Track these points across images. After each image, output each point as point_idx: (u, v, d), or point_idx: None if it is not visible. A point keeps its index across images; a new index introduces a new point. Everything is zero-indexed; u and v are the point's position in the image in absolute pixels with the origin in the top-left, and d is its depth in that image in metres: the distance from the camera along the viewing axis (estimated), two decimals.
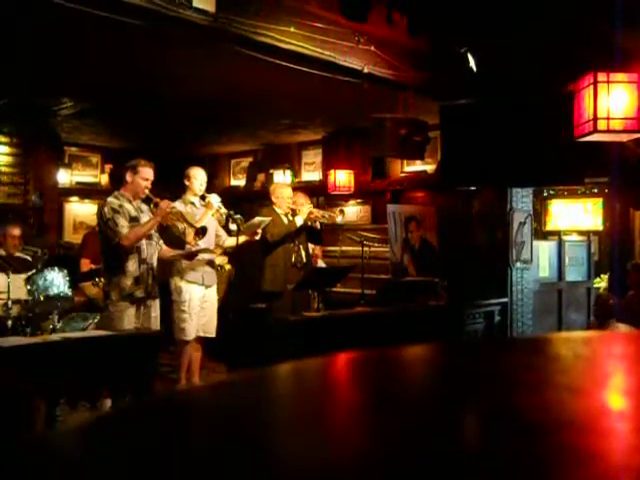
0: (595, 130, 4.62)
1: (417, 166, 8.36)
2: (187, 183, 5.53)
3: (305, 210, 5.89)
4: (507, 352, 0.96)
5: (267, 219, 5.68)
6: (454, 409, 0.66)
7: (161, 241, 4.99)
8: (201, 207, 5.47)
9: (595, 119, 4.59)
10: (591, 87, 4.61)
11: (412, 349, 0.98)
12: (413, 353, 0.98)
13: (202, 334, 5.59)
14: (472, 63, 5.42)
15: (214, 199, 5.42)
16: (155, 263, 4.85)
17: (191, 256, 5.19)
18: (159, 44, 5.15)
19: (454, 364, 0.90)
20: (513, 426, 0.59)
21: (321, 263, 7.18)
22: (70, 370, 3.65)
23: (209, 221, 5.40)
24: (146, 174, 4.76)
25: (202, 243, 5.18)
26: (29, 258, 5.82)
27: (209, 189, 5.74)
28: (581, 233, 9.09)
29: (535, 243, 6.98)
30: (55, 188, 9.42)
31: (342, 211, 6.22)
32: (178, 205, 5.27)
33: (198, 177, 5.53)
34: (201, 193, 5.51)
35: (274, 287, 5.78)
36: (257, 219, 5.63)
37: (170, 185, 6.40)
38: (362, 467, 0.51)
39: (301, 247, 6.00)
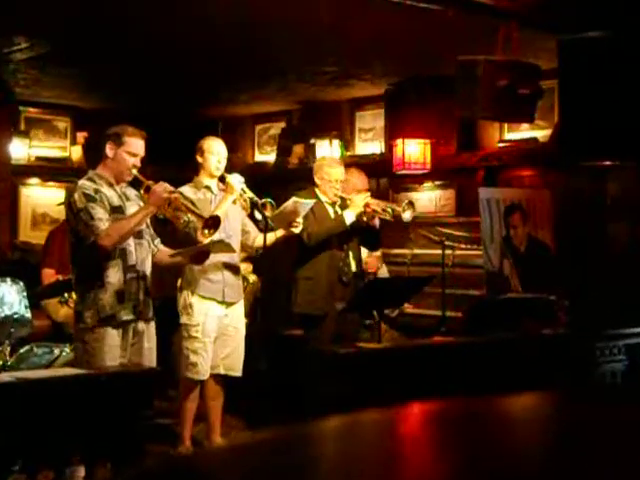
0: None
1: (523, 132, 8.29)
2: (200, 160, 5.60)
3: (359, 201, 5.82)
4: None
5: (309, 202, 5.67)
6: None
7: (157, 240, 5.03)
8: (219, 192, 5.52)
9: None
10: None
11: (516, 399, 0.98)
12: (518, 405, 0.97)
13: (223, 372, 5.62)
14: None
15: (236, 180, 5.44)
16: (148, 271, 4.89)
17: (200, 257, 5.15)
18: None
19: (579, 423, 0.90)
20: None
21: (383, 272, 7.15)
22: (27, 425, 3.72)
23: (231, 211, 5.45)
24: (134, 147, 4.79)
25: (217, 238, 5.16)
26: None
27: (225, 167, 5.76)
28: None
29: None
30: (6, 165, 9.59)
31: (411, 204, 6.04)
32: (187, 191, 5.35)
33: (215, 152, 5.60)
34: (219, 173, 5.56)
35: (311, 308, 5.79)
36: (291, 201, 5.59)
37: (167, 163, 6.46)
38: None
39: (350, 253, 5.97)
